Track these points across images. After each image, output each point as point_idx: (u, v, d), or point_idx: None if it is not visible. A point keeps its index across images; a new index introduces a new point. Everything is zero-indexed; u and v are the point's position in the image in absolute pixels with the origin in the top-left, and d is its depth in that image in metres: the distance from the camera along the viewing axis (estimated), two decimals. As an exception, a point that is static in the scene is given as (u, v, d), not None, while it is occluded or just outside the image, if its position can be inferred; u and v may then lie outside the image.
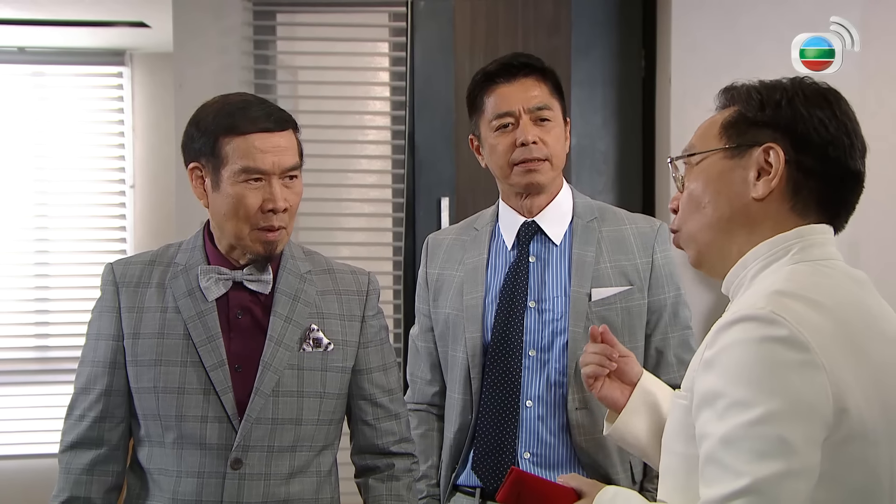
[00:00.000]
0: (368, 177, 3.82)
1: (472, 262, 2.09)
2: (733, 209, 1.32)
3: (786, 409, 1.13)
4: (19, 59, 4.62)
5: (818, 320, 1.18)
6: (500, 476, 1.98)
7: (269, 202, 1.72)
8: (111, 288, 1.81)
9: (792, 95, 1.30)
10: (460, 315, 2.06)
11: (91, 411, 1.78)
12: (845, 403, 1.15)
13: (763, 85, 1.35)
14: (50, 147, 4.64)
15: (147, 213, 4.65)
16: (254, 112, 1.74)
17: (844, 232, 1.39)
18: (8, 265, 4.65)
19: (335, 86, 3.70)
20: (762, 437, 1.13)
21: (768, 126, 1.30)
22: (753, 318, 1.17)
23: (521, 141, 1.98)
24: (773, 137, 1.29)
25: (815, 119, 1.28)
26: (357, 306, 1.88)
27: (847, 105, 1.33)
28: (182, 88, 3.50)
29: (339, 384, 1.84)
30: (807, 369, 1.14)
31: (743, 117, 1.32)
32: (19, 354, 4.65)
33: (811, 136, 1.28)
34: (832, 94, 1.32)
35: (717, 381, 1.18)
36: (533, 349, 2.00)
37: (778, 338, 1.15)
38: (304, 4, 3.72)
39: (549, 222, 2.06)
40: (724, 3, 3.37)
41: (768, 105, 1.31)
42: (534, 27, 3.56)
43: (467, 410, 2.04)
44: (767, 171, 1.29)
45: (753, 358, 1.16)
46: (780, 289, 1.22)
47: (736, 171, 1.32)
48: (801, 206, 1.30)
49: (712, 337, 1.22)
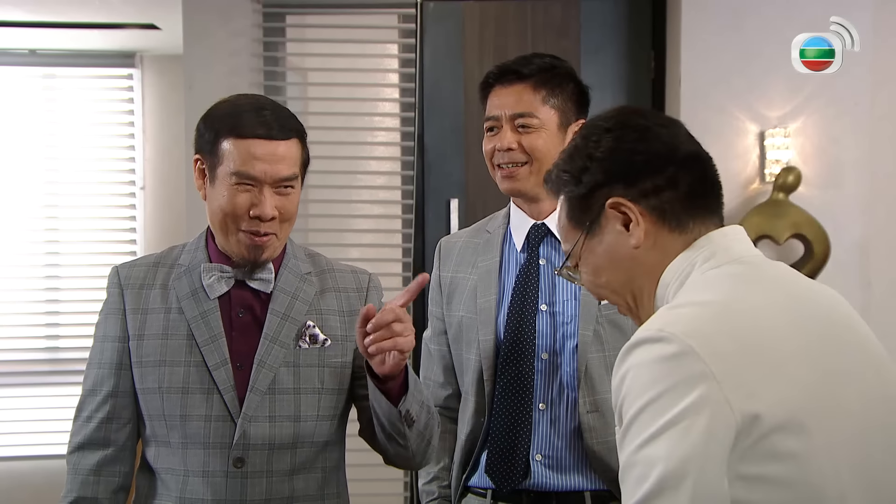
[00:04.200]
0: (377, 178, 3.83)
1: (484, 265, 2.09)
2: (631, 268, 1.33)
3: (678, 426, 1.11)
4: (30, 62, 4.64)
5: (711, 323, 1.17)
6: (512, 478, 1.98)
7: (255, 209, 1.72)
8: (116, 290, 1.82)
9: (589, 151, 1.34)
10: (474, 318, 2.06)
11: (98, 413, 1.79)
12: (750, 408, 1.11)
13: (563, 159, 1.39)
14: (60, 149, 4.66)
15: (157, 215, 4.66)
16: (259, 116, 1.73)
17: (852, 234, 1.38)
18: (18, 266, 4.66)
19: (344, 87, 3.71)
20: (645, 461, 1.12)
21: (596, 188, 1.33)
22: (645, 341, 1.17)
23: (497, 146, 2.01)
24: (608, 193, 1.32)
25: (619, 153, 1.32)
26: (357, 302, 1.88)
27: (626, 113, 1.39)
28: (192, 90, 3.51)
29: (339, 380, 1.84)
30: (701, 382, 1.12)
31: (572, 199, 1.37)
32: (30, 356, 4.66)
33: (632, 169, 1.31)
34: (614, 120, 1.36)
35: (622, 404, 1.19)
36: (545, 352, 2.00)
37: (668, 355, 1.14)
38: (313, 6, 3.73)
39: None
40: (733, 5, 3.36)
41: (581, 173, 1.34)
42: (543, 29, 3.56)
43: (480, 412, 2.04)
44: (629, 218, 1.31)
45: (648, 379, 1.15)
46: (675, 302, 1.23)
47: (605, 238, 1.34)
48: (676, 223, 1.31)
49: (617, 363, 1.22)
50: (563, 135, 2.02)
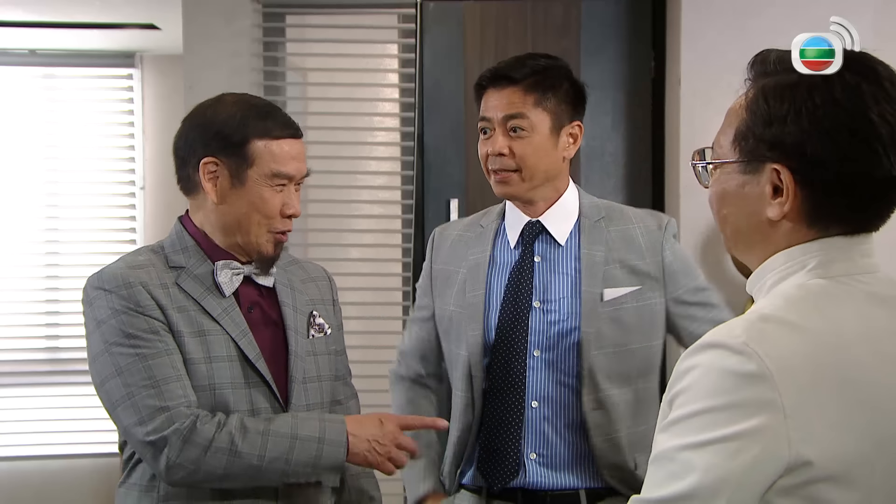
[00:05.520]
0: (377, 178, 3.83)
1: (473, 258, 2.09)
2: (750, 226, 1.24)
3: (729, 445, 1.08)
4: (30, 62, 4.65)
5: (798, 351, 1.11)
6: (502, 476, 1.99)
7: (288, 207, 1.79)
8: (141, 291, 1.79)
9: (800, 106, 1.19)
10: (462, 313, 2.06)
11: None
12: (806, 453, 1.07)
13: (774, 88, 1.23)
14: (60, 149, 4.66)
15: (157, 215, 4.66)
16: (280, 116, 1.80)
17: None
18: (18, 266, 4.66)
19: (344, 87, 3.70)
20: (686, 463, 1.09)
21: (775, 145, 1.18)
22: (724, 346, 1.12)
23: (489, 151, 2.00)
24: (781, 157, 1.18)
25: (825, 135, 1.16)
26: (328, 291, 1.99)
27: (880, 95, 1.20)
28: (192, 90, 3.50)
29: (337, 367, 1.94)
30: (768, 410, 1.08)
31: (750, 130, 1.21)
32: (30, 356, 4.66)
33: (820, 155, 1.16)
34: (854, 92, 1.20)
35: (677, 395, 1.15)
36: (538, 349, 2.00)
37: (744, 373, 1.09)
38: (313, 6, 3.72)
39: (553, 222, 2.06)
40: (734, 5, 3.36)
41: (775, 121, 1.19)
42: (543, 29, 3.55)
43: (469, 409, 2.05)
44: (782, 189, 1.19)
45: (714, 386, 1.11)
46: (767, 313, 1.16)
47: (750, 186, 1.22)
48: (822, 223, 1.20)
49: (688, 354, 1.17)
50: (556, 139, 2.01)
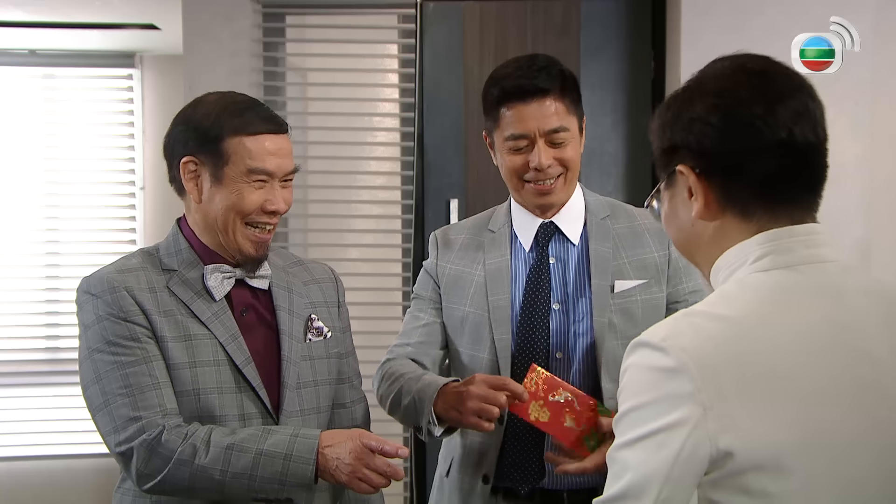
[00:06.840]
0: (377, 178, 3.83)
1: (494, 262, 2.08)
2: (689, 236, 1.29)
3: (653, 440, 1.12)
4: (30, 62, 4.65)
5: (721, 343, 1.13)
6: (530, 478, 2.00)
7: (270, 203, 1.75)
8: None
9: (680, 105, 1.26)
10: (484, 316, 2.04)
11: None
12: (728, 444, 1.09)
13: (663, 103, 1.30)
14: (60, 149, 4.66)
15: (157, 215, 4.66)
16: (260, 112, 1.76)
17: (852, 234, 1.35)
18: (18, 266, 4.66)
19: (344, 87, 3.70)
20: (621, 463, 1.15)
21: (672, 149, 1.26)
22: (647, 345, 1.16)
23: (534, 165, 1.96)
24: (680, 158, 1.24)
25: (698, 125, 1.22)
26: (333, 293, 1.96)
27: (747, 77, 1.25)
28: (192, 90, 3.50)
29: (338, 370, 1.92)
30: (687, 403, 1.10)
31: (658, 148, 1.30)
32: (30, 356, 4.66)
33: (704, 144, 1.22)
34: (718, 82, 1.26)
35: (619, 398, 1.20)
36: (560, 351, 2.00)
37: (662, 368, 1.13)
38: (313, 6, 3.72)
39: (566, 222, 2.06)
40: (733, 4, 3.36)
41: (666, 128, 1.27)
42: (543, 29, 3.55)
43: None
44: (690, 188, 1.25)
45: (640, 384, 1.16)
46: (697, 309, 1.19)
47: (675, 198, 1.29)
48: (743, 210, 1.23)
49: (626, 354, 1.21)
50: (582, 137, 2.04)
